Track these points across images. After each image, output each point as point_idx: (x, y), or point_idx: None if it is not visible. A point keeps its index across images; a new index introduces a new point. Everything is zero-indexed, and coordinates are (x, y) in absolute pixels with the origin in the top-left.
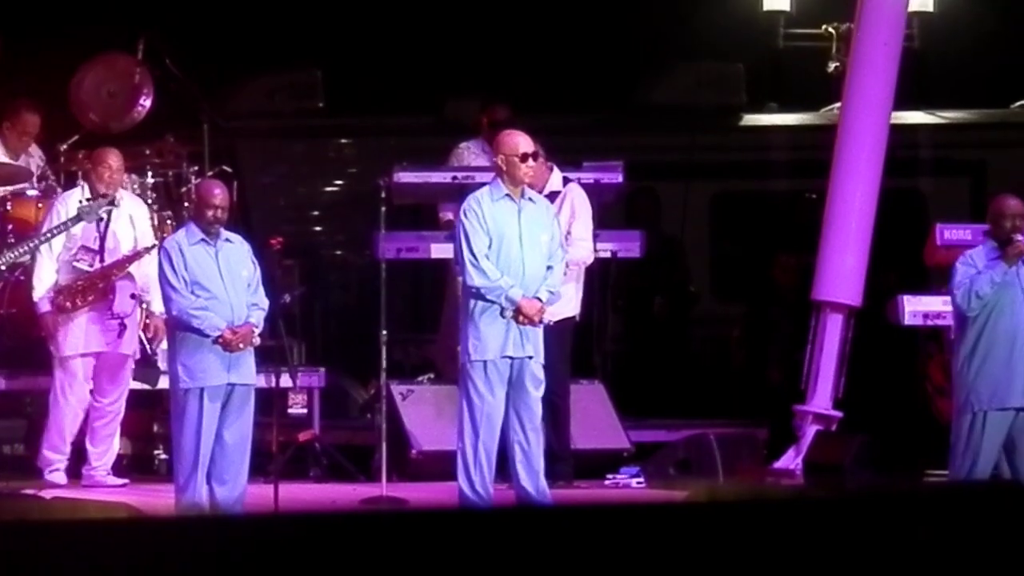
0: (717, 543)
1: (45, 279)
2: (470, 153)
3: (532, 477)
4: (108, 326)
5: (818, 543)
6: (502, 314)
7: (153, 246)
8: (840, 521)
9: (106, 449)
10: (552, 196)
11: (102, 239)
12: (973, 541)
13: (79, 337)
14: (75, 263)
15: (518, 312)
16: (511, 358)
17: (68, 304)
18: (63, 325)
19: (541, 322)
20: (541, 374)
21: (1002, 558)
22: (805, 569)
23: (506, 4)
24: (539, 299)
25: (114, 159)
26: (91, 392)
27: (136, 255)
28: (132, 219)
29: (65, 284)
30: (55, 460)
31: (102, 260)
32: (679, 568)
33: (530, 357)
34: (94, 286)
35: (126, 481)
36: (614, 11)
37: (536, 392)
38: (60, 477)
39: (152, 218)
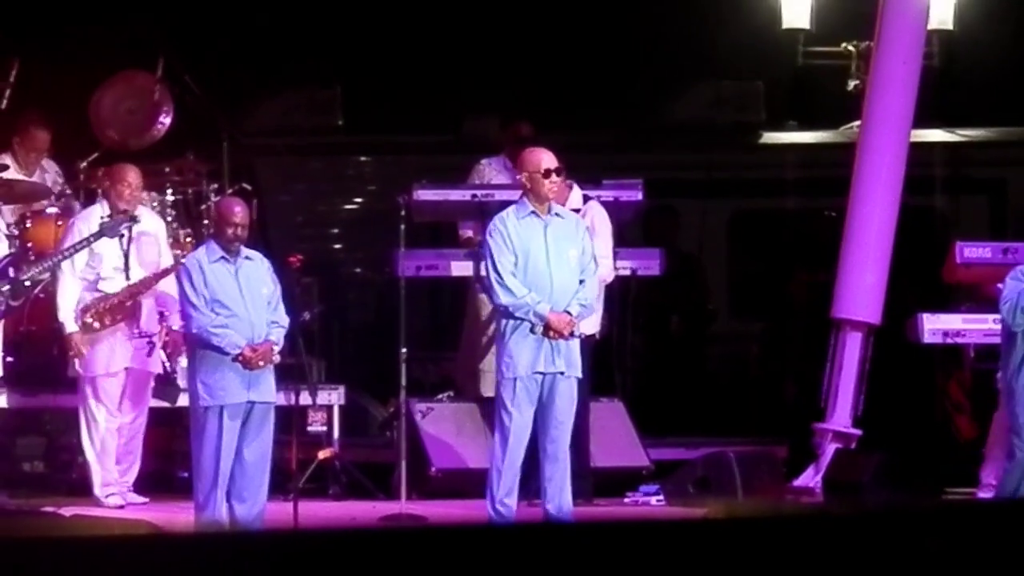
0: (737, 561)
1: (69, 299)
2: (491, 170)
3: (557, 495)
4: (137, 344)
5: (838, 561)
6: (532, 330)
7: (180, 264)
8: (860, 539)
9: (128, 467)
10: None
11: (126, 257)
12: (991, 559)
13: (108, 356)
14: (101, 282)
15: (547, 327)
16: (542, 374)
17: (96, 324)
18: (91, 345)
19: (572, 335)
20: (575, 392)
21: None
22: None
23: (524, 22)
24: (569, 313)
25: (133, 176)
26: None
27: (164, 272)
28: (155, 236)
29: (92, 303)
30: (111, 482)
31: (128, 278)
32: None
33: (562, 373)
34: (122, 305)
35: (146, 500)
36: (633, 29)
37: (567, 408)
38: (117, 500)
39: (176, 235)
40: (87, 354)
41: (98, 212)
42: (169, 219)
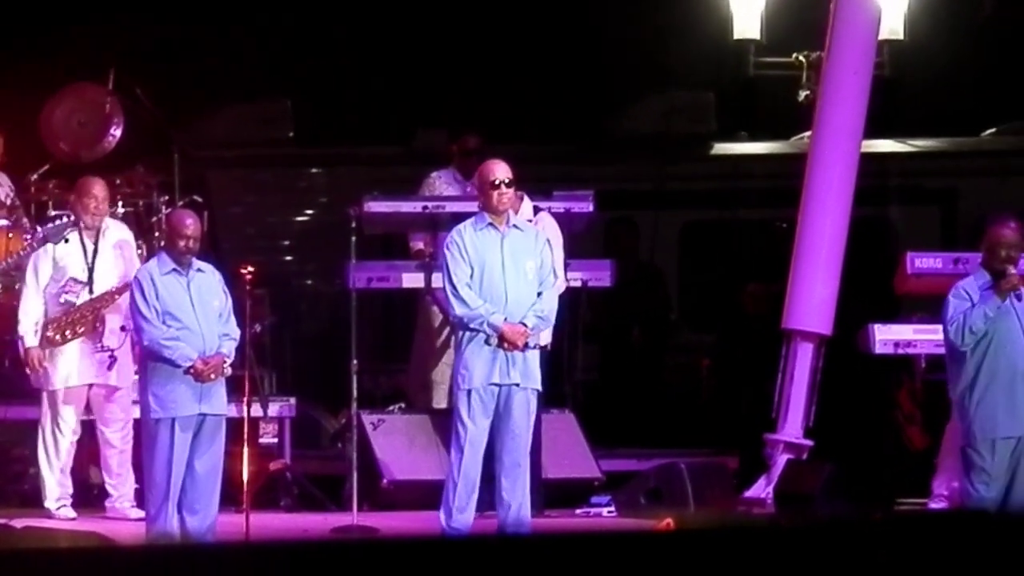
0: (688, 573)
1: (31, 313)
2: (441, 183)
3: (516, 507)
4: (98, 359)
5: (789, 572)
6: (487, 341)
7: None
8: (811, 549)
9: (123, 480)
10: None
11: (90, 271)
12: (940, 568)
13: (68, 371)
14: (64, 295)
15: (501, 338)
16: (498, 385)
17: (58, 337)
18: (51, 359)
19: (527, 347)
20: (533, 404)
21: None
22: None
23: (476, 34)
24: (524, 324)
25: (99, 189)
26: (96, 423)
27: (125, 286)
28: (121, 249)
29: (54, 317)
30: (61, 495)
31: (91, 292)
32: None
33: (517, 384)
34: (84, 318)
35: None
36: (585, 41)
37: (524, 421)
38: (69, 512)
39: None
40: (48, 368)
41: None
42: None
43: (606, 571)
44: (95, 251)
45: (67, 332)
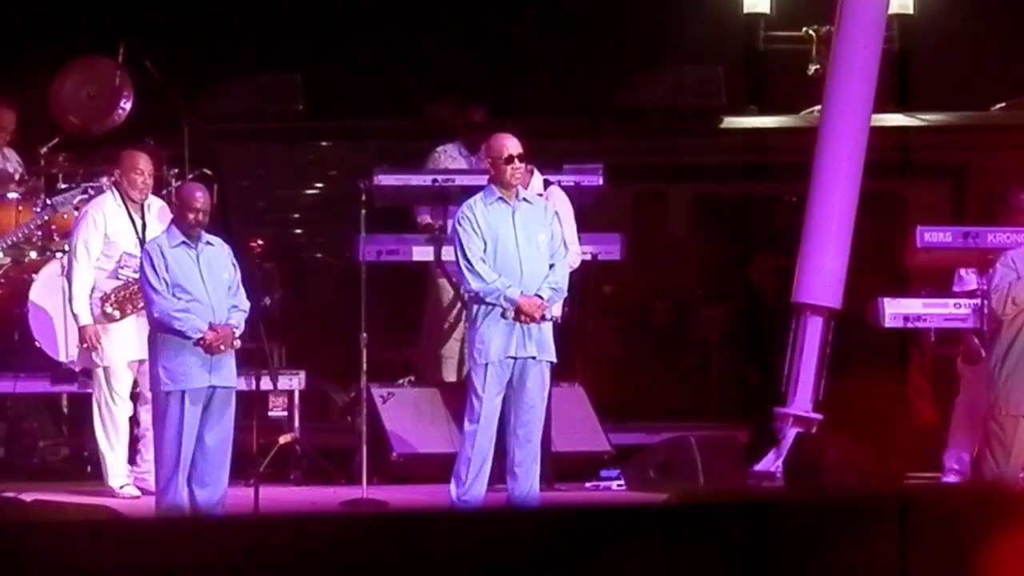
0: (697, 546)
1: (83, 289)
2: (447, 156)
3: (526, 479)
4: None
5: (798, 545)
6: (503, 315)
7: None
8: (820, 524)
9: (145, 458)
10: None
11: (143, 244)
12: (950, 541)
13: (128, 344)
14: (120, 270)
15: (518, 311)
16: (513, 358)
17: (117, 313)
18: (108, 334)
19: (544, 319)
20: (547, 377)
21: (978, 557)
22: (785, 571)
23: (486, 6)
24: (540, 296)
25: (144, 163)
26: (140, 395)
27: None
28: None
29: (111, 292)
30: (124, 473)
31: None
32: (660, 570)
33: (533, 357)
34: (140, 293)
35: None
36: (594, 14)
37: (538, 394)
38: (133, 491)
39: None
40: (105, 344)
41: (110, 199)
42: None
43: (616, 544)
44: (143, 225)
45: (127, 307)
